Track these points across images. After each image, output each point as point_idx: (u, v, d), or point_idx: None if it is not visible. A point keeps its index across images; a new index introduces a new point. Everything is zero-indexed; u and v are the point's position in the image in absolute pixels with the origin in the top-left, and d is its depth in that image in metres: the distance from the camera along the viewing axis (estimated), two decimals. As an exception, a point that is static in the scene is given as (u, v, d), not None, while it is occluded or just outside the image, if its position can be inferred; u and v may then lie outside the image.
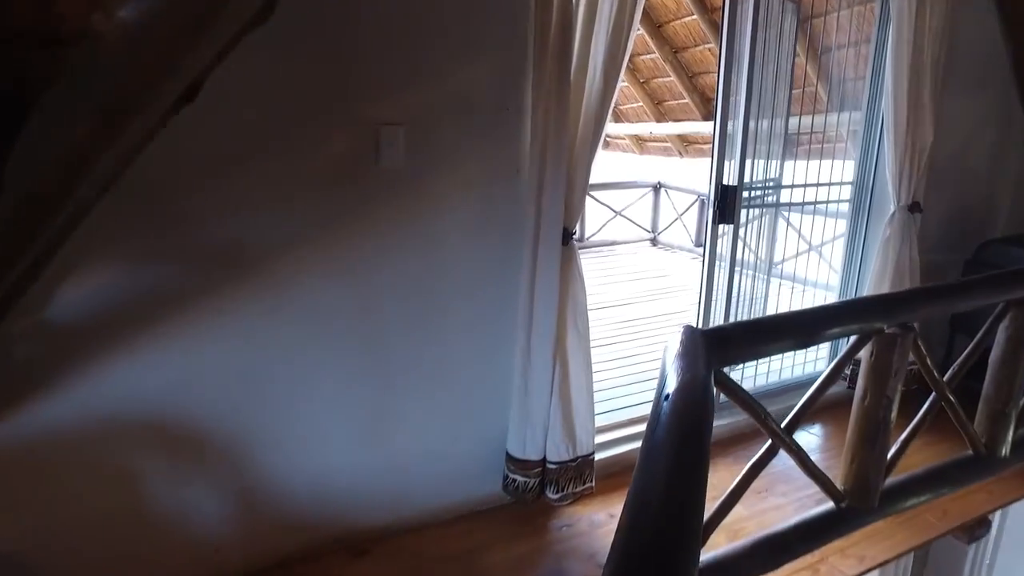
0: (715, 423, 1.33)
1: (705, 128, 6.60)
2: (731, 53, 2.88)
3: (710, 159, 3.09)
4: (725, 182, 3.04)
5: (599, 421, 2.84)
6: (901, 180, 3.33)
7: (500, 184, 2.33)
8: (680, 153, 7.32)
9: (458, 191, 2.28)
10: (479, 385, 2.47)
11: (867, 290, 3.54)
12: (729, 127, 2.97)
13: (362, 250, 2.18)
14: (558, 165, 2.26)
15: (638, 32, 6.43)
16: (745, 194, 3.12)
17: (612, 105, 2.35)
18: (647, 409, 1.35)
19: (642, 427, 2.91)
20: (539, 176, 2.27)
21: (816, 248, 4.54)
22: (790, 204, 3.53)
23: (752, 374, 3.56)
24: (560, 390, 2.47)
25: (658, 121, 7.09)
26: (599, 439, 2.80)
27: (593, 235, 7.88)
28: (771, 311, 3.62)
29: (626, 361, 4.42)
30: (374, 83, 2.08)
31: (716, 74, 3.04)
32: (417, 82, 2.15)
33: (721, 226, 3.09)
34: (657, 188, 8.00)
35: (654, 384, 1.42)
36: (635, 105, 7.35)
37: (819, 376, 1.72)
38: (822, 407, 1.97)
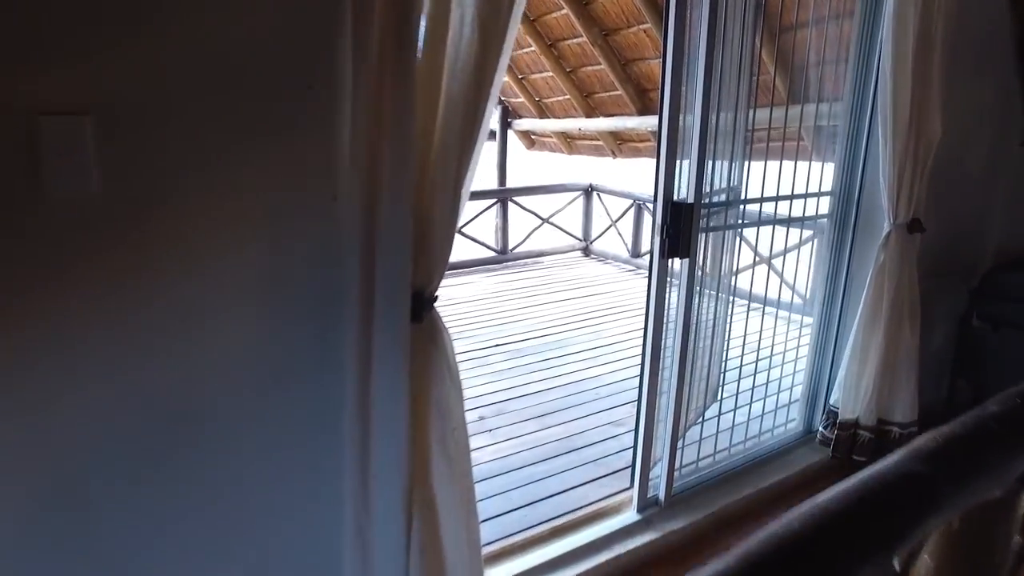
0: None
1: (642, 124, 5.79)
2: (681, 31, 1.98)
3: (655, 164, 2.18)
4: (677, 197, 2.14)
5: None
6: (900, 190, 2.51)
7: (302, 219, 1.34)
8: (613, 153, 6.49)
9: (223, 233, 1.28)
10: (282, 558, 1.47)
11: (855, 333, 2.72)
12: (682, 124, 2.06)
13: (27, 353, 1.15)
14: (400, 184, 1.29)
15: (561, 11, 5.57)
16: (704, 212, 2.23)
17: (497, 81, 1.39)
18: None
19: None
20: (368, 204, 1.30)
21: (788, 283, 3.74)
22: (759, 224, 2.67)
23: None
24: (424, 548, 1.51)
25: (587, 116, 6.24)
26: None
27: (517, 246, 6.97)
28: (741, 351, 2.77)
29: (552, 431, 3.49)
30: (24, 30, 1.06)
31: (660, 58, 2.17)
32: (125, 30, 1.14)
33: (674, 261, 2.19)
34: (589, 192, 7.15)
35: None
36: (562, 98, 6.48)
37: None
38: None
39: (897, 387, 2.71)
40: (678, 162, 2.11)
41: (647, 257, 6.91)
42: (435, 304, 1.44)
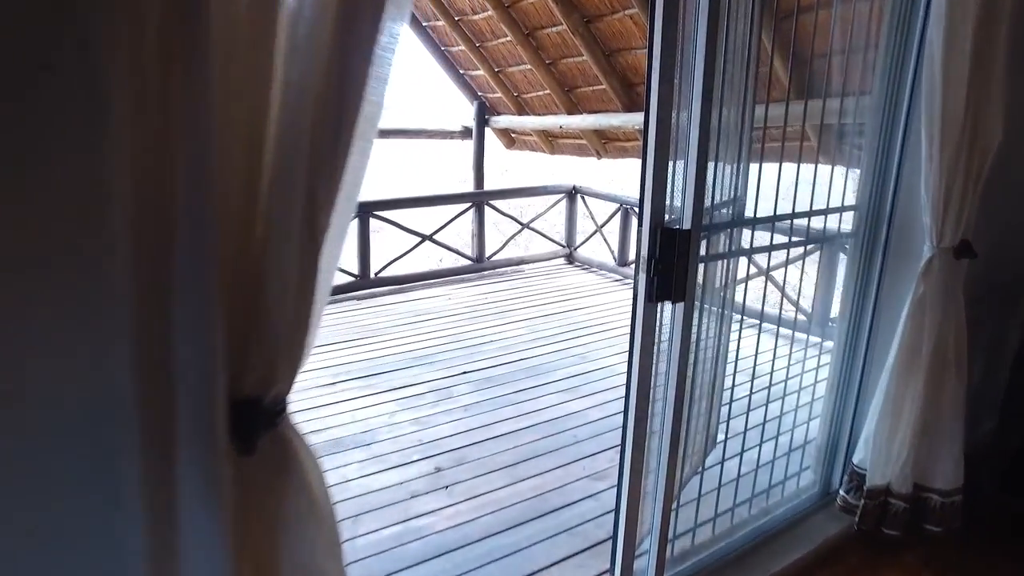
0: None
1: (629, 121, 5.28)
2: (674, 10, 1.46)
3: (640, 175, 1.65)
4: (669, 218, 1.62)
5: None
6: (947, 206, 2.00)
7: (40, 281, 0.80)
8: (597, 153, 5.98)
9: None
10: None
11: (887, 381, 2.20)
12: (675, 122, 1.54)
13: None
14: (198, 222, 0.76)
15: (539, -4, 5.03)
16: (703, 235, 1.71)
17: (375, 48, 0.84)
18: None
19: None
20: (150, 255, 0.76)
21: (792, 300, 3.23)
22: (770, 248, 2.16)
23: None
24: None
25: (569, 113, 5.72)
26: None
27: (495, 254, 6.43)
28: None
29: (523, 486, 2.97)
30: None
31: (647, 44, 1.68)
32: None
33: (664, 306, 1.66)
34: (572, 194, 6.63)
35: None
36: (541, 93, 5.95)
37: None
38: None
39: (939, 447, 2.21)
40: (670, 173, 1.59)
41: (634, 266, 6.39)
42: (284, 415, 0.90)
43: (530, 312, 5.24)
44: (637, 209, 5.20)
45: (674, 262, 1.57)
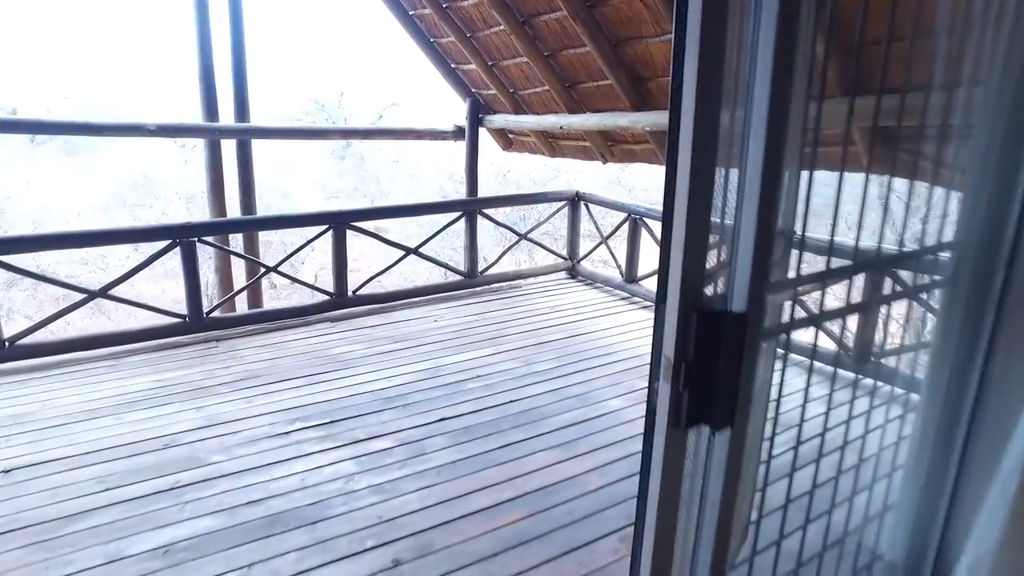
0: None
1: (638, 121, 4.61)
2: None
3: (664, 214, 1.00)
4: (710, 296, 0.97)
5: None
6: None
7: None
8: (603, 156, 5.33)
9: None
10: None
11: (1012, 495, 1.55)
12: (728, 124, 0.90)
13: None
14: None
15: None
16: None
17: None
18: None
19: None
20: None
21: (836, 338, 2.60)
22: (843, 314, 1.52)
23: None
24: None
25: (571, 111, 5.07)
26: None
27: (489, 267, 5.80)
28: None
29: None
30: None
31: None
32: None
33: (698, 432, 1.02)
34: (575, 201, 5.98)
35: None
36: (540, 90, 5.30)
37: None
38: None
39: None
40: (714, 211, 0.95)
41: (645, 284, 5.83)
42: None
43: (524, 338, 4.60)
44: (650, 220, 4.46)
45: (719, 365, 0.93)
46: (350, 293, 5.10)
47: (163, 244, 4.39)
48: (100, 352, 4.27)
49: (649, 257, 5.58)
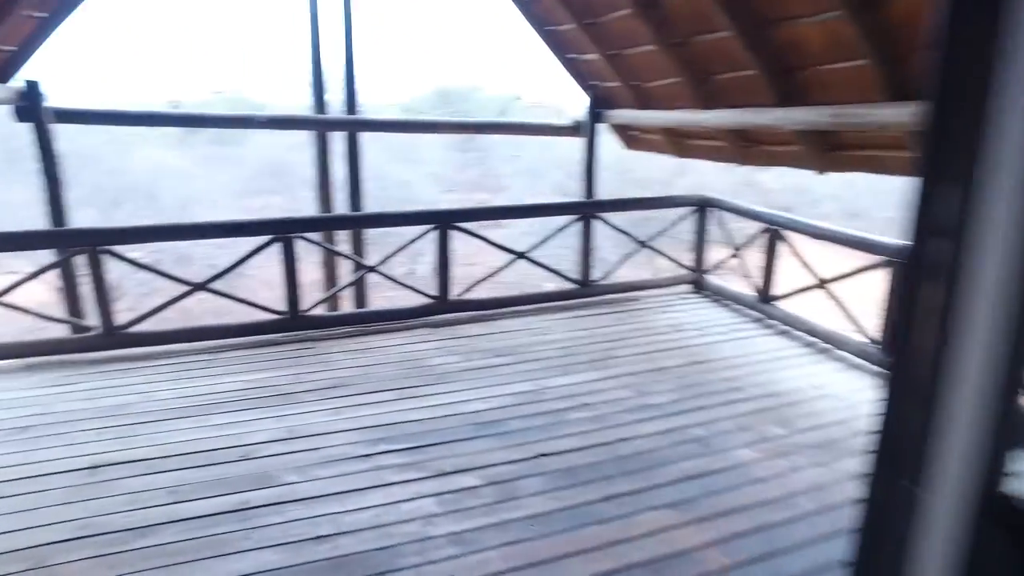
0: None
1: (785, 119, 3.92)
2: None
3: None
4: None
5: None
6: None
7: None
8: (738, 158, 4.68)
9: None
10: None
11: None
12: None
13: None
14: None
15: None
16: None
17: None
18: None
19: None
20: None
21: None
22: None
23: None
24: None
25: (704, 107, 4.45)
26: None
27: (604, 278, 5.30)
28: None
29: None
30: None
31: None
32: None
33: None
34: (703, 208, 5.37)
35: None
36: (668, 82, 4.72)
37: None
38: None
39: None
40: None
41: (781, 304, 5.10)
42: None
43: (639, 362, 4.08)
44: (789, 232, 3.67)
45: None
46: (453, 297, 4.79)
47: (263, 240, 4.27)
48: (199, 345, 4.21)
49: (788, 274, 4.87)
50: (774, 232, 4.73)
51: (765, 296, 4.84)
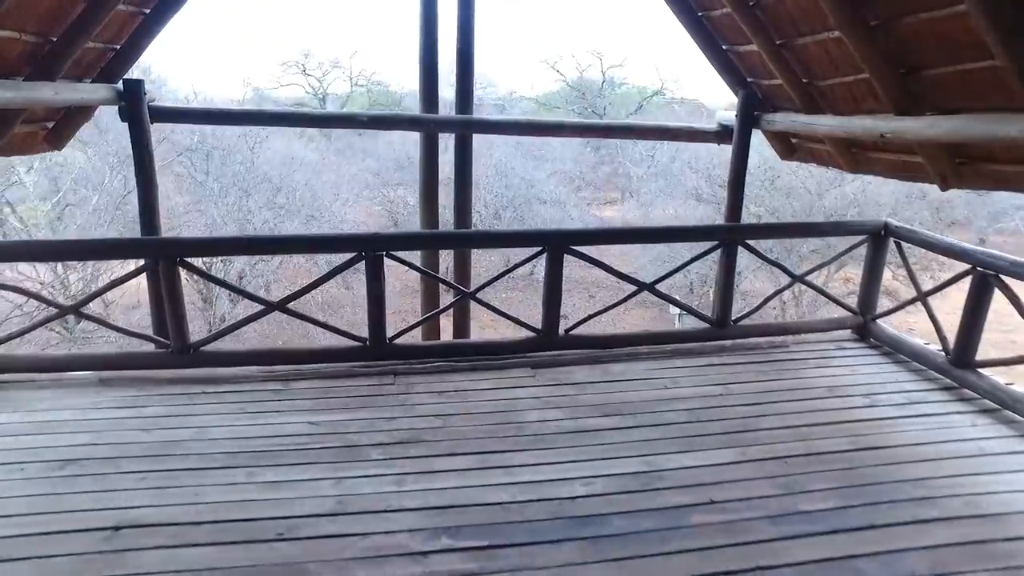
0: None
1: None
2: None
3: None
4: None
5: None
6: None
7: None
8: (942, 179, 3.56)
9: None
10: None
11: None
12: None
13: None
14: None
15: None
16: None
17: None
18: None
19: None
20: None
21: None
22: None
23: None
24: None
25: (901, 112, 3.37)
26: None
27: (745, 317, 4.36)
28: None
29: None
30: None
31: None
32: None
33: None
34: (882, 236, 4.27)
35: None
36: (851, 79, 3.65)
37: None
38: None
39: None
40: None
41: (988, 372, 3.54)
42: None
43: (786, 440, 3.17)
44: (1007, 277, 2.52)
45: None
46: (561, 332, 4.07)
47: (348, 256, 3.77)
48: (273, 370, 3.78)
49: (998, 331, 3.71)
50: (984, 277, 3.59)
51: (964, 359, 3.70)
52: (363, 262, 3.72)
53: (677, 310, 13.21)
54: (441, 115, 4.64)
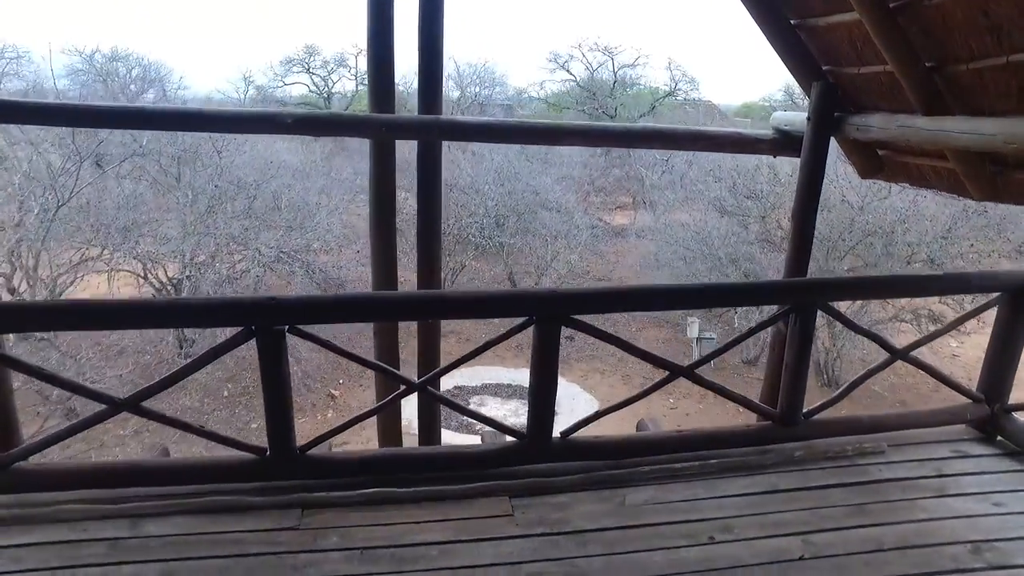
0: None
1: None
2: None
3: None
4: None
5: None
6: None
7: None
8: None
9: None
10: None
11: None
12: None
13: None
14: None
15: None
16: None
17: None
18: None
19: None
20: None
21: None
22: None
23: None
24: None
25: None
26: None
27: (820, 410, 3.02)
28: None
29: None
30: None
31: None
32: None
33: None
34: (1021, 297, 2.93)
35: None
36: (998, 61, 2.36)
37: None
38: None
39: None
40: None
41: None
42: None
43: None
44: None
45: None
46: (555, 434, 2.76)
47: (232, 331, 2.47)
48: (117, 499, 2.49)
49: None
50: None
51: None
52: (254, 339, 2.43)
53: (695, 333, 11.85)
54: (396, 115, 3.34)
